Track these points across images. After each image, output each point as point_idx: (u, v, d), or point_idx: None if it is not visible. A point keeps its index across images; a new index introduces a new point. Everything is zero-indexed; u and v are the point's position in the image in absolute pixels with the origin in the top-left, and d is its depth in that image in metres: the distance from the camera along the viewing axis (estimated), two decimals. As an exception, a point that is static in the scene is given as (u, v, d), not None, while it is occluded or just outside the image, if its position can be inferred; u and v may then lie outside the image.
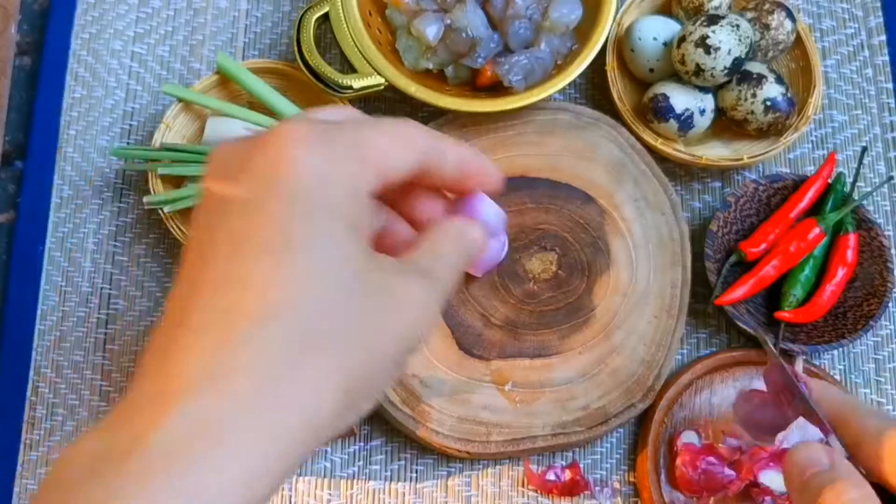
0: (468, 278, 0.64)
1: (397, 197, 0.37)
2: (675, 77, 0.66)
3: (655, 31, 0.67)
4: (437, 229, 0.35)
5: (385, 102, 0.72)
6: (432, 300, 0.31)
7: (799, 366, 0.62)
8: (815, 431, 0.46)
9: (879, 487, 0.38)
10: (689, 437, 0.60)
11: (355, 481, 0.62)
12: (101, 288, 0.67)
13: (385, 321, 0.29)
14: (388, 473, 0.63)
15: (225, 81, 0.68)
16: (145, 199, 0.64)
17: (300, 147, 0.29)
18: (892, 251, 0.65)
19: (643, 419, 0.63)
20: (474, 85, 0.68)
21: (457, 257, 0.34)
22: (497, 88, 0.67)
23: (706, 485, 0.58)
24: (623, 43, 0.69)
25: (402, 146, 0.32)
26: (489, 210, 0.58)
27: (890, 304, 0.65)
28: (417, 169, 0.33)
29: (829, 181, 0.66)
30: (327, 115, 0.33)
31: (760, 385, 0.51)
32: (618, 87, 0.68)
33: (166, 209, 0.63)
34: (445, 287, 0.32)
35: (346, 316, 0.27)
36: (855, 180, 0.66)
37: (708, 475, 0.58)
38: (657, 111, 0.65)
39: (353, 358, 0.28)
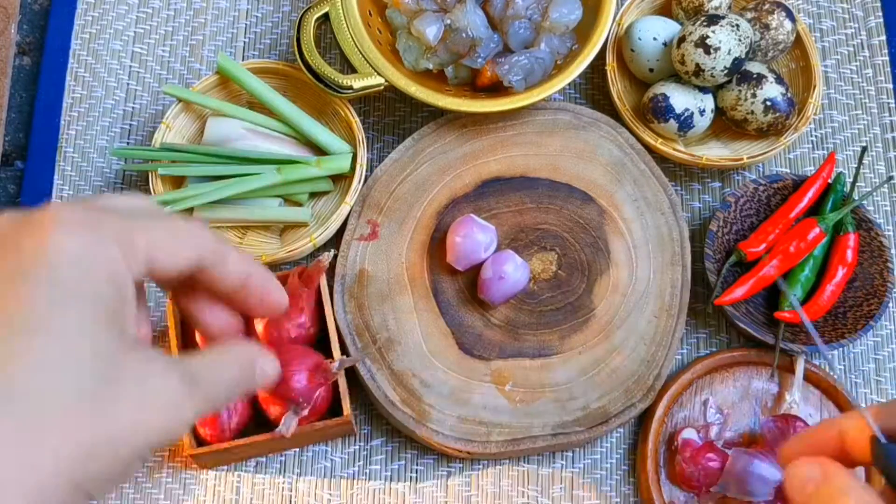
0: (471, 291, 0.64)
1: (189, 294, 0.37)
2: (675, 77, 0.66)
3: (655, 31, 0.67)
4: (231, 349, 0.35)
5: (385, 102, 0.72)
6: (187, 408, 0.31)
7: (799, 366, 0.62)
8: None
9: None
10: (689, 433, 0.61)
11: (355, 481, 0.62)
12: (101, 288, 0.67)
13: (123, 411, 0.29)
14: (389, 473, 0.63)
15: (225, 81, 0.68)
16: (145, 199, 0.64)
17: (63, 232, 0.29)
18: (892, 251, 0.65)
19: (643, 419, 0.63)
20: (474, 85, 0.68)
21: (236, 385, 0.34)
22: (497, 88, 0.67)
23: (706, 480, 0.58)
24: (623, 43, 0.69)
25: (179, 241, 0.33)
26: (513, 267, 0.60)
27: (890, 304, 0.65)
28: (195, 266, 0.33)
29: (829, 181, 0.66)
30: (115, 203, 0.33)
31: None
32: (618, 87, 0.68)
33: (166, 210, 0.64)
34: (209, 402, 0.32)
35: (79, 401, 0.28)
36: (855, 180, 0.66)
37: (708, 471, 0.58)
38: (657, 111, 0.65)
39: (81, 443, 0.27)
